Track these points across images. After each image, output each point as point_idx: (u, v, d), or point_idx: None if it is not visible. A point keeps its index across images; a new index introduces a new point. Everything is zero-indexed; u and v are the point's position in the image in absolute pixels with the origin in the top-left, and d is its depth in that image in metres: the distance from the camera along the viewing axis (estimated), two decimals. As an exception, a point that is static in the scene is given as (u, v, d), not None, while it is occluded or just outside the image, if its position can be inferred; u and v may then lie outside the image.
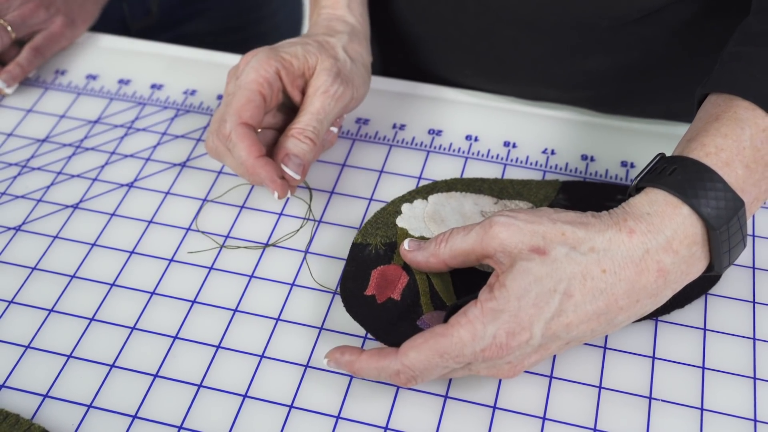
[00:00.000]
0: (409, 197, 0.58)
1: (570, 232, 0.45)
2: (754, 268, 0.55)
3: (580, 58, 0.66)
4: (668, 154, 0.49)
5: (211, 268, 0.56)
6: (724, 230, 0.45)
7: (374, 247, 0.54)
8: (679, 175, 0.45)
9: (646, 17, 0.62)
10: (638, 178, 0.48)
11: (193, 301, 0.54)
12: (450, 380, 0.50)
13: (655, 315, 0.52)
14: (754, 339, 0.51)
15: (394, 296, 0.51)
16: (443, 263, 0.50)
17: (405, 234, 0.55)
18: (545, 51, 0.66)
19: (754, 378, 0.50)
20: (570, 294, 0.44)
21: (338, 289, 0.54)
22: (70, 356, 0.52)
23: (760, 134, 0.46)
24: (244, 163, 0.54)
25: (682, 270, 0.46)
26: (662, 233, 0.45)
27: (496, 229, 0.46)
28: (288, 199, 0.59)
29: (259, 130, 0.58)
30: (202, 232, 0.58)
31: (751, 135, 0.46)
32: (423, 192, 0.58)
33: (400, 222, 0.56)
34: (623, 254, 0.44)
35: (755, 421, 0.48)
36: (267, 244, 0.57)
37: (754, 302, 0.53)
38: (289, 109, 0.60)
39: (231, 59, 0.72)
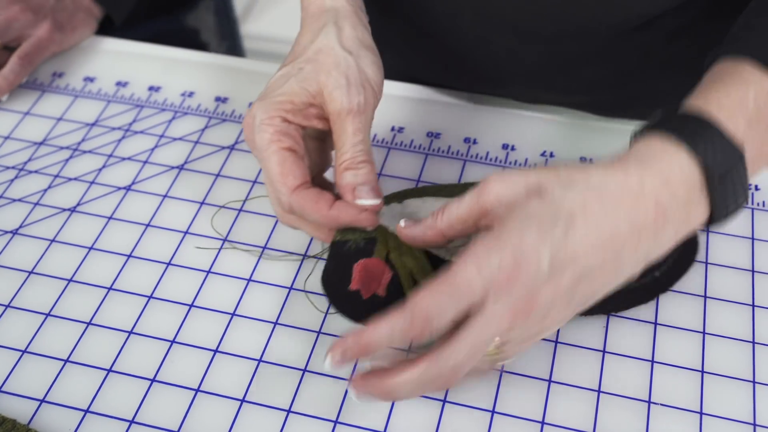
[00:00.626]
0: (385, 200, 0.56)
1: (564, 173, 0.44)
2: (753, 271, 0.55)
3: (578, 65, 0.66)
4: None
5: (208, 272, 0.56)
6: (723, 179, 0.45)
7: (354, 242, 0.53)
8: (679, 122, 0.45)
9: (644, 24, 0.61)
10: (637, 132, 0.47)
11: (191, 305, 0.54)
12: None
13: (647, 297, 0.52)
14: (753, 342, 0.51)
15: (379, 292, 0.51)
16: (440, 234, 0.48)
17: (384, 229, 0.54)
18: (543, 59, 0.66)
19: (754, 381, 0.50)
20: (572, 223, 0.43)
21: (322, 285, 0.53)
22: (67, 360, 0.51)
23: (765, 95, 0.46)
24: (322, 221, 0.51)
25: (681, 213, 0.45)
26: (660, 173, 0.44)
27: (491, 185, 0.45)
28: None
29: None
30: (232, 242, 0.58)
31: (756, 95, 0.46)
32: (398, 196, 0.56)
33: (379, 220, 0.55)
34: (620, 188, 0.44)
35: (754, 425, 0.48)
36: (306, 256, 0.57)
37: (753, 305, 0.53)
38: (321, 133, 0.56)
39: (229, 61, 0.72)
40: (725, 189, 0.45)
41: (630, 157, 0.45)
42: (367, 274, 0.52)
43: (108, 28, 0.76)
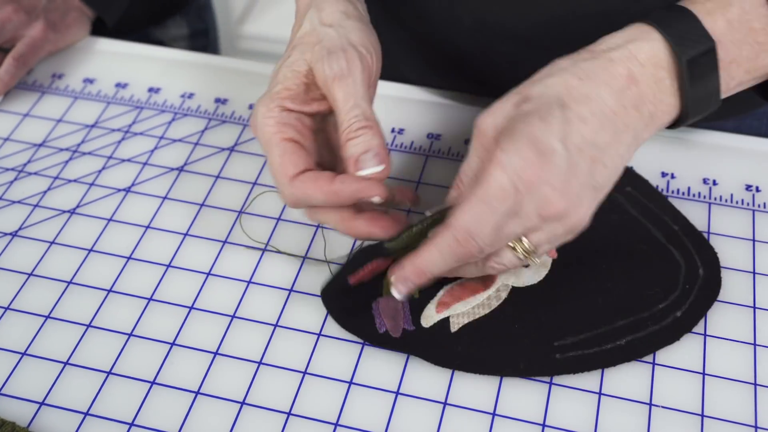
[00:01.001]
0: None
1: (536, 75, 0.47)
2: (754, 273, 0.55)
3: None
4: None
5: (209, 274, 0.56)
6: (691, 64, 0.46)
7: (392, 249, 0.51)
8: (657, 13, 0.47)
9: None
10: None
11: (191, 307, 0.54)
12: (449, 387, 0.50)
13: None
14: (754, 345, 0.51)
15: (366, 278, 0.51)
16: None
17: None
18: (543, 65, 0.66)
19: (755, 384, 0.49)
20: (565, 105, 0.45)
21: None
22: (67, 363, 0.51)
23: (755, 6, 0.47)
24: (328, 201, 0.49)
25: (653, 89, 0.46)
26: (625, 48, 0.46)
27: (482, 120, 0.47)
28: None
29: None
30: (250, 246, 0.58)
31: (742, 2, 0.47)
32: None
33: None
34: (589, 64, 0.46)
35: (756, 427, 0.48)
36: (334, 262, 0.57)
37: (754, 308, 0.53)
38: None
39: (229, 62, 0.71)
40: (693, 76, 0.46)
41: (600, 42, 0.48)
42: (371, 269, 0.51)
43: (103, 30, 0.76)
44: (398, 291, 0.48)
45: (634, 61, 0.46)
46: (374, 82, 0.53)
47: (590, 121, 0.45)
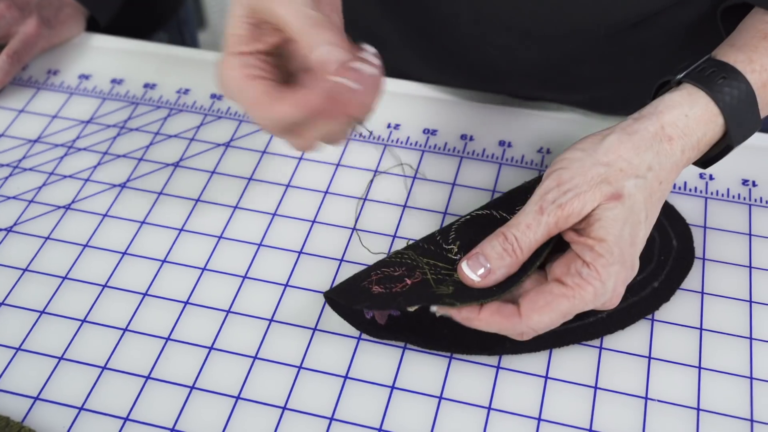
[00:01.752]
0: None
1: (625, 164, 0.47)
2: (751, 267, 0.55)
3: (576, 63, 0.66)
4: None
5: (204, 269, 0.56)
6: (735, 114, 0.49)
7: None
8: (727, 87, 0.48)
9: (642, 22, 0.61)
10: (685, 72, 0.50)
11: (186, 302, 0.54)
12: (444, 381, 0.50)
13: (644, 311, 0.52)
14: (750, 339, 0.51)
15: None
16: (520, 263, 0.48)
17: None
18: (541, 58, 0.66)
19: (751, 378, 0.49)
20: (647, 216, 0.48)
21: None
22: (61, 358, 0.51)
23: None
24: (321, 107, 0.46)
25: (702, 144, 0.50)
26: (695, 135, 0.48)
27: (624, 188, 0.47)
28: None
29: None
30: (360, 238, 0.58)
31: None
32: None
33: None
34: (670, 162, 0.48)
35: (752, 421, 0.48)
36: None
37: (750, 302, 0.53)
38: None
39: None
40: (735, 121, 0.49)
41: (671, 119, 0.48)
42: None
43: (98, 29, 0.76)
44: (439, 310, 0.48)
45: (696, 151, 0.49)
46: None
47: (652, 222, 0.49)
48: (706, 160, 0.52)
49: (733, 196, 0.59)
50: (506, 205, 0.54)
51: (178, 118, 0.66)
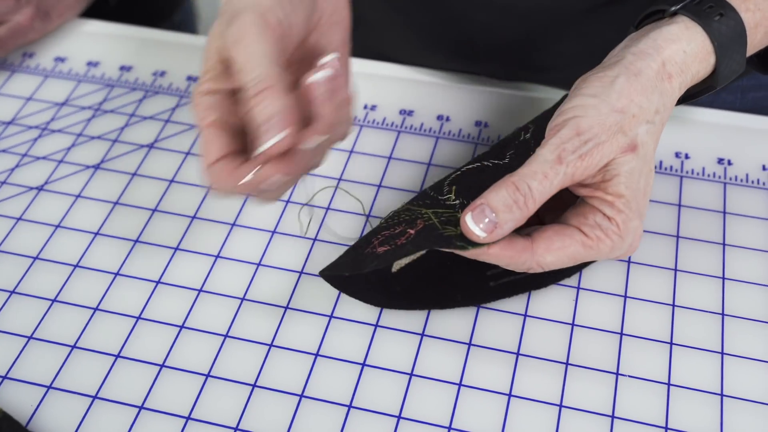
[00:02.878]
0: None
1: (637, 109, 0.46)
2: (724, 245, 0.55)
3: (553, 40, 0.66)
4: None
5: (217, 257, 0.55)
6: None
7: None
8: (723, 26, 0.47)
9: None
10: (682, 4, 0.48)
11: (200, 290, 0.53)
12: (464, 369, 0.49)
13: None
14: (722, 315, 0.51)
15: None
16: (529, 216, 0.46)
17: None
18: (519, 35, 0.66)
19: (722, 353, 0.49)
20: (652, 169, 0.48)
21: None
22: (74, 347, 0.50)
23: None
24: (240, 192, 0.44)
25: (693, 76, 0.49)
26: (690, 72, 0.48)
27: (637, 137, 0.46)
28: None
29: None
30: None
31: None
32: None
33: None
34: (670, 101, 0.47)
35: (721, 395, 0.47)
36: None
37: (723, 278, 0.53)
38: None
39: (201, 41, 0.71)
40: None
41: (671, 55, 0.47)
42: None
43: (100, 12, 0.75)
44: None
45: (689, 84, 0.48)
46: (301, 44, 0.48)
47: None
48: (684, 97, 0.51)
49: (709, 175, 0.59)
50: (496, 154, 0.53)
51: (154, 99, 0.66)
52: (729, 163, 0.60)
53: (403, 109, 0.64)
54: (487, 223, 0.43)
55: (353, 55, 0.56)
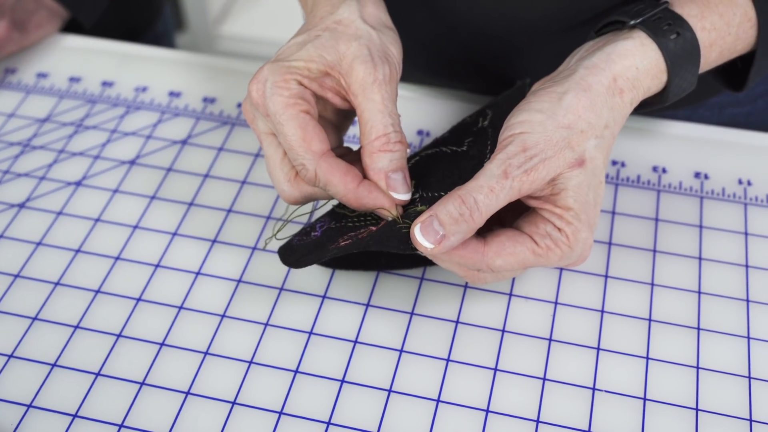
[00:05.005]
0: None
1: (585, 125, 0.47)
2: (700, 258, 0.55)
3: (531, 59, 0.66)
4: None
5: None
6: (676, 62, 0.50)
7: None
8: (678, 45, 0.48)
9: (594, 17, 0.62)
10: (641, 19, 0.49)
11: (180, 307, 0.53)
12: (441, 385, 0.49)
13: None
14: (698, 329, 0.52)
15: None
16: (476, 229, 0.46)
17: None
18: (497, 54, 0.66)
19: (697, 367, 0.50)
20: (604, 173, 0.48)
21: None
22: (54, 365, 0.51)
23: (745, 23, 0.51)
24: (344, 198, 0.48)
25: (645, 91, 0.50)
26: (641, 88, 0.48)
27: (587, 152, 0.47)
28: None
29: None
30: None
31: (739, 23, 0.50)
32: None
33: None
34: (621, 115, 0.48)
35: (696, 410, 0.48)
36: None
37: (699, 293, 0.53)
38: (336, 118, 0.53)
39: (184, 56, 0.71)
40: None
41: (623, 70, 0.48)
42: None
43: (79, 30, 0.75)
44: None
45: (640, 98, 0.49)
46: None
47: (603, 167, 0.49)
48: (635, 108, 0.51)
49: (686, 189, 0.59)
50: (454, 140, 0.53)
51: (136, 115, 0.66)
52: (706, 177, 0.60)
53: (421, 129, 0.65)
54: (435, 235, 0.45)
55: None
